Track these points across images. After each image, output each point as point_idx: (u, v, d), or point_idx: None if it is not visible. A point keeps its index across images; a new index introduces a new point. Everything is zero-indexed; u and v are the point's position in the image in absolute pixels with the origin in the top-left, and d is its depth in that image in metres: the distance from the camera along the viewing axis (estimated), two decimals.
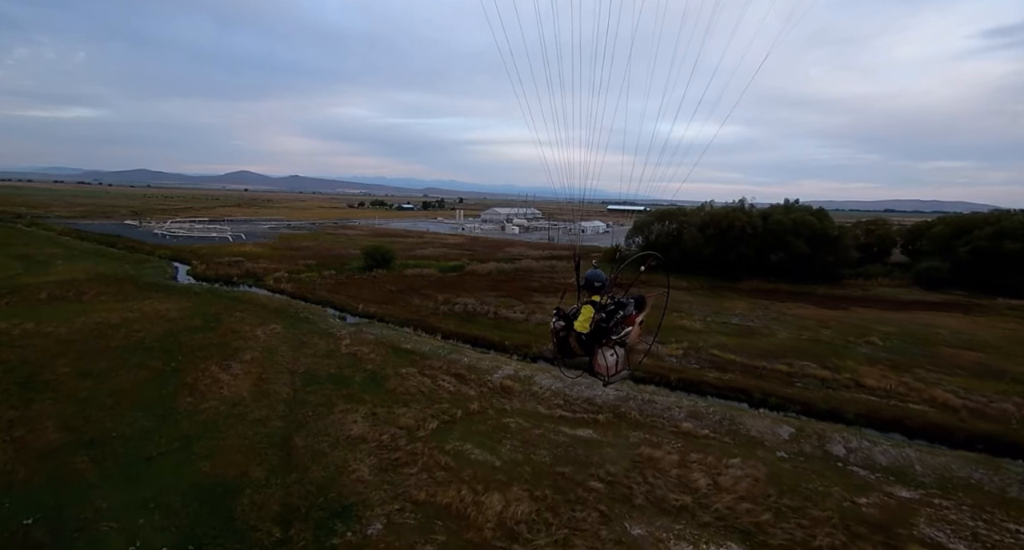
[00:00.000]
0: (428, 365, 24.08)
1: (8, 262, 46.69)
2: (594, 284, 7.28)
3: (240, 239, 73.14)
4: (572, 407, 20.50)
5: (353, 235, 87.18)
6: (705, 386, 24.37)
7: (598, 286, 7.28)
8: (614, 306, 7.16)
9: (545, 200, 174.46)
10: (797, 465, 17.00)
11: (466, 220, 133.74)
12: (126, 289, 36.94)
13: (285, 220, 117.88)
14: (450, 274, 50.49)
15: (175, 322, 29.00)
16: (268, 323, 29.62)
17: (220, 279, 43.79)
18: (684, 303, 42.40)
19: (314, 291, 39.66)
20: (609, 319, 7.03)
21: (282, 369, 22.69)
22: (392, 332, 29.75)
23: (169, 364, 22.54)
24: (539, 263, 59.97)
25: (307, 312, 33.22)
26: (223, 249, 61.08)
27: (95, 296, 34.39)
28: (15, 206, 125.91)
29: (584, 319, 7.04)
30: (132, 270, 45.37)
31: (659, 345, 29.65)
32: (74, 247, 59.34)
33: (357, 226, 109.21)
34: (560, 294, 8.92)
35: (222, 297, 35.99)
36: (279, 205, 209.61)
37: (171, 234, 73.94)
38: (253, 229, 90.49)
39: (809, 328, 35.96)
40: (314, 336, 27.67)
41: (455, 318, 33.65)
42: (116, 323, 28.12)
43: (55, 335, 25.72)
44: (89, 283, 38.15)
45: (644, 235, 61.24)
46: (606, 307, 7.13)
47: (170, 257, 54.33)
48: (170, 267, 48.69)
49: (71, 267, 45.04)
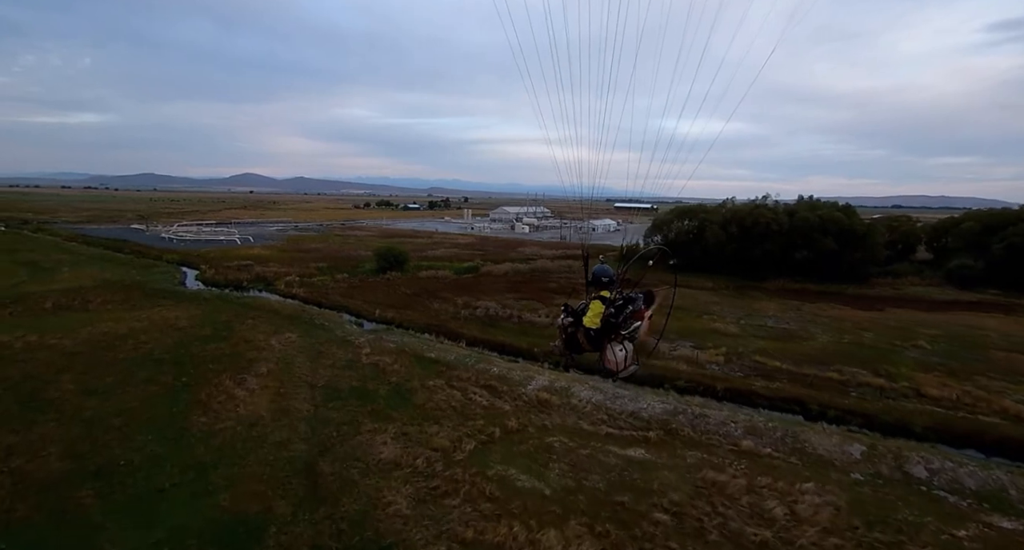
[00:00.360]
0: (456, 376, 22.46)
1: (14, 269, 45.51)
2: (602, 279, 7.10)
3: (248, 242, 71.87)
4: (618, 422, 18.84)
5: (362, 236, 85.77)
6: (755, 397, 22.64)
7: (606, 281, 7.10)
8: (623, 301, 6.99)
9: (553, 199, 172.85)
10: (877, 490, 15.26)
11: (475, 219, 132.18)
12: (133, 296, 35.55)
13: (292, 222, 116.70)
14: (465, 276, 48.89)
15: (185, 331, 27.53)
16: (282, 331, 28.11)
17: (230, 284, 42.38)
18: (712, 304, 40.63)
19: (328, 295, 38.16)
20: (618, 314, 6.90)
21: (300, 382, 21.13)
22: (413, 339, 28.14)
23: (180, 378, 21.03)
24: (554, 263, 58.27)
25: (322, 318, 31.68)
26: (232, 252, 59.76)
27: (101, 304, 33.01)
28: (22, 212, 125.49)
29: (594, 314, 6.93)
30: (139, 276, 44.03)
31: (697, 351, 27.98)
32: (80, 252, 58.18)
33: (365, 227, 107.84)
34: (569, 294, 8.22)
35: (233, 303, 34.53)
36: (285, 207, 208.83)
37: (178, 238, 72.76)
38: (261, 231, 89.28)
39: (848, 331, 34.11)
40: (332, 345, 26.12)
41: (477, 323, 32.03)
42: (123, 333, 26.68)
43: (60, 348, 24.29)
44: (95, 290, 36.80)
45: (663, 233, 59.41)
46: (615, 302, 6.98)
47: (178, 261, 53.02)
48: (178, 272, 47.35)
49: (77, 274, 43.76)
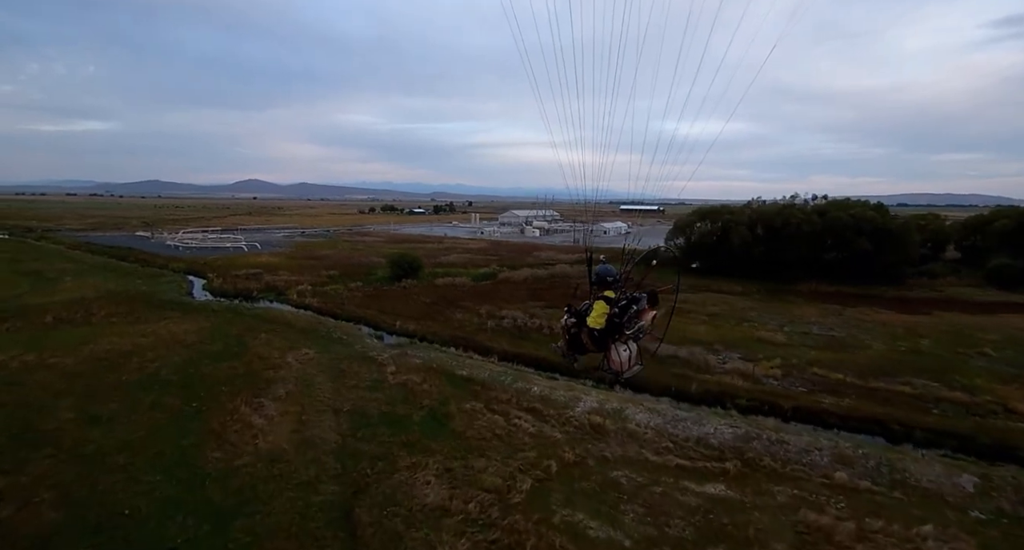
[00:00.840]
0: (494, 397, 20.29)
1: (15, 279, 43.68)
2: (606, 279, 7.05)
3: (255, 249, 70.00)
4: (686, 451, 16.62)
5: (371, 242, 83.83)
6: (827, 416, 20.40)
7: (610, 281, 7.05)
8: (627, 301, 6.93)
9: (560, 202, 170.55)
10: (1008, 533, 13.01)
11: (483, 224, 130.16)
12: (138, 308, 33.57)
13: (299, 228, 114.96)
14: (484, 283, 46.77)
15: (194, 348, 25.48)
16: (298, 347, 26.02)
17: (239, 294, 40.39)
18: (748, 310, 38.36)
19: (343, 306, 36.09)
20: (622, 314, 6.83)
21: (324, 407, 19.01)
22: (440, 355, 26.00)
23: (190, 403, 18.95)
24: (574, 268, 56.02)
25: (339, 332, 29.59)
26: (239, 260, 57.84)
27: (105, 317, 31.02)
28: (27, 219, 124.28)
29: (598, 315, 6.87)
30: (144, 286, 42.10)
31: (750, 364, 25.75)
32: (84, 261, 56.38)
33: (373, 232, 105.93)
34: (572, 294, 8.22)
35: (244, 316, 32.49)
36: (290, 212, 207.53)
37: (184, 245, 70.97)
38: (267, 238, 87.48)
39: (901, 337, 31.80)
40: (353, 362, 24.00)
41: (506, 335, 29.86)
42: (128, 351, 24.64)
43: (59, 368, 22.27)
44: (98, 302, 34.82)
45: (686, 236, 57.19)
46: (619, 302, 6.92)
47: (184, 270, 51.09)
48: (185, 281, 45.39)
49: (80, 284, 41.87)
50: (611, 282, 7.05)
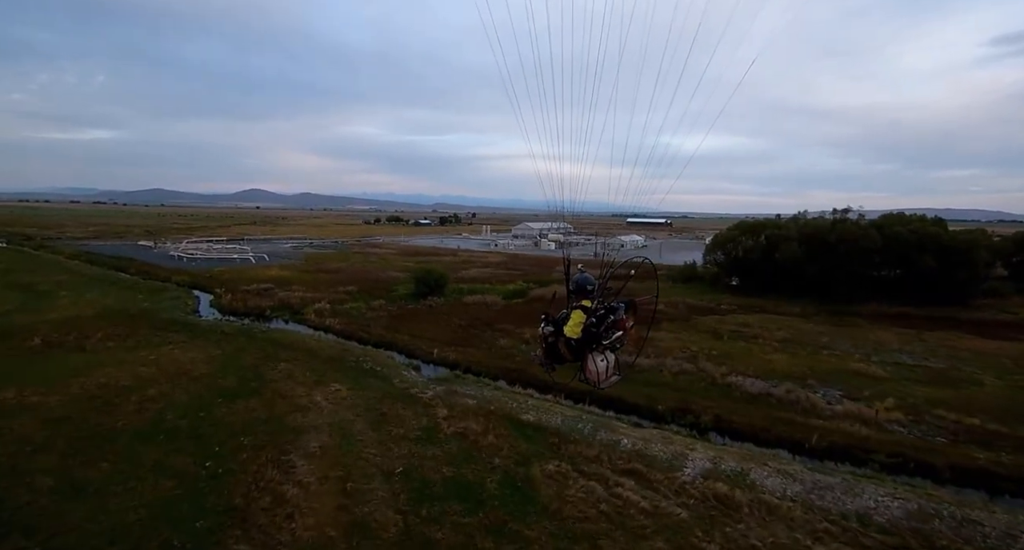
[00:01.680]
0: (579, 454, 16.32)
1: (6, 294, 39.88)
2: (585, 288, 6.86)
3: (263, 261, 66.31)
4: (853, 536, 12.62)
5: (384, 254, 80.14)
6: (994, 479, 16.37)
7: (588, 290, 6.85)
8: (604, 310, 6.68)
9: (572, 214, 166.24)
10: None
11: (495, 236, 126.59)
12: (139, 329, 29.71)
13: (306, 238, 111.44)
14: (515, 301, 42.90)
15: (203, 382, 21.56)
16: (326, 380, 22.12)
17: (250, 313, 36.52)
18: (818, 335, 34.40)
19: (368, 328, 32.19)
20: (600, 324, 6.61)
21: (371, 469, 15.05)
22: (494, 393, 22.06)
23: (203, 463, 14.99)
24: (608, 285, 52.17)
25: (370, 361, 25.66)
26: (247, 273, 54.07)
27: (101, 341, 27.15)
28: (28, 227, 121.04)
29: (574, 324, 6.70)
30: (146, 302, 38.28)
31: (857, 403, 21.77)
32: (82, 273, 52.62)
33: (383, 244, 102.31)
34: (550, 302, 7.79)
35: (258, 339, 28.60)
36: (295, 222, 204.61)
37: (188, 256, 67.24)
38: (275, 249, 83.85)
39: (1011, 369, 27.83)
40: (395, 402, 20.06)
41: (561, 367, 25.91)
42: (126, 385, 20.73)
43: (42, 409, 18.34)
44: (95, 322, 30.98)
45: (726, 251, 53.40)
46: (596, 311, 6.70)
47: (189, 284, 47.28)
48: (190, 297, 41.54)
49: (76, 300, 38.05)
50: (589, 291, 6.88)
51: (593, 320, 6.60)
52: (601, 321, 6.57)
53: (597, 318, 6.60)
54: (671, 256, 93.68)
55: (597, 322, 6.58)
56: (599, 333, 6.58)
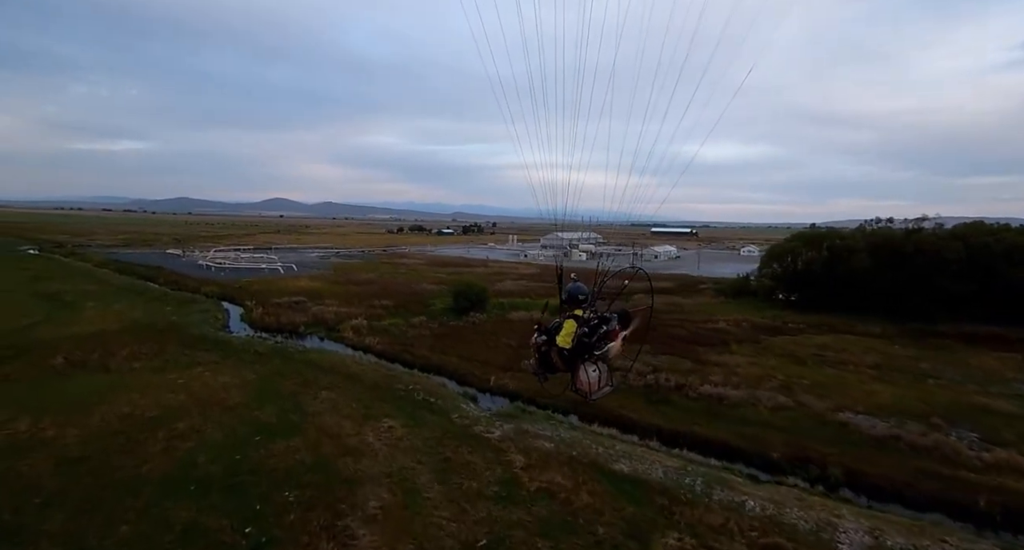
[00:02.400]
0: (700, 522, 13.10)
1: (31, 304, 38.30)
2: (577, 298, 6.75)
3: (292, 271, 64.53)
4: None
5: (412, 265, 77.92)
6: None
7: (581, 300, 6.74)
8: (597, 321, 6.58)
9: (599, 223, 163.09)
10: None
11: (523, 246, 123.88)
12: (168, 347, 27.44)
13: (332, 248, 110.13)
14: None
15: (238, 413, 18.94)
16: (375, 413, 19.33)
17: (283, 329, 34.12)
18: (914, 361, 30.47)
19: (412, 349, 29.44)
20: (592, 334, 6.48)
21: (447, 540, 12.07)
22: (571, 432, 18.96)
23: (243, 527, 12.21)
24: (658, 300, 48.76)
25: (420, 389, 22.81)
26: (277, 284, 52.11)
27: (126, 360, 24.90)
28: (60, 234, 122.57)
29: (566, 334, 6.55)
30: (175, 315, 36.23)
31: (1001, 449, 18.07)
32: (110, 282, 51.24)
33: (411, 254, 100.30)
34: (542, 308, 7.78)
35: (294, 361, 26.03)
36: (318, 231, 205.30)
37: (216, 265, 65.80)
38: (302, 259, 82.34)
39: None
40: (459, 444, 17.12)
41: (637, 397, 22.71)
42: (152, 416, 18.22)
43: (57, 445, 15.88)
44: (121, 337, 28.87)
45: (783, 263, 49.61)
46: (589, 321, 6.56)
47: (218, 296, 45.34)
48: (220, 310, 39.44)
49: (102, 312, 36.21)
50: (582, 301, 6.72)
51: (585, 330, 6.47)
52: (593, 331, 6.47)
53: (589, 328, 6.48)
54: (709, 267, 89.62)
55: (589, 332, 6.46)
56: (591, 343, 6.46)
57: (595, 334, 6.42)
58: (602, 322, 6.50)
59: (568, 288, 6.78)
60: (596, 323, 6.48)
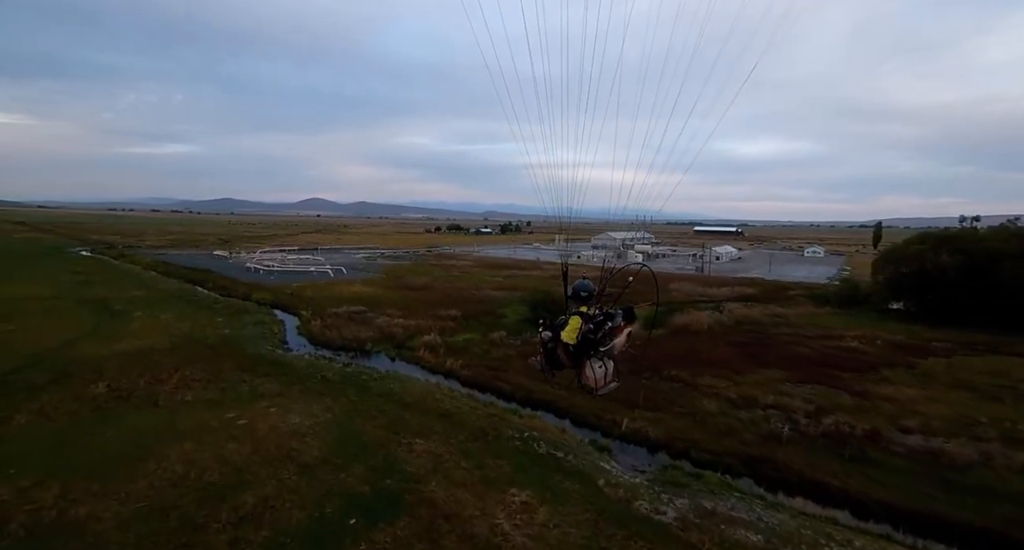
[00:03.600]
0: None
1: (78, 314, 35.47)
2: (581, 294, 6.75)
3: (341, 274, 61.12)
4: None
5: (464, 267, 73.61)
6: None
7: (585, 296, 6.75)
8: (602, 317, 6.60)
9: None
10: None
11: (575, 246, 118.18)
12: (223, 370, 23.50)
13: (377, 248, 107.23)
14: (657, 332, 34.42)
15: (319, 477, 14.44)
16: (496, 479, 14.54)
17: (346, 346, 29.89)
18: None
19: (503, 374, 24.68)
20: (597, 330, 6.51)
21: None
22: (776, 515, 13.64)
23: None
24: (754, 310, 42.74)
25: (537, 435, 17.92)
26: (330, 289, 48.47)
27: (177, 388, 20.98)
28: (111, 235, 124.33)
29: (571, 329, 6.52)
30: (227, 327, 32.62)
31: None
32: (158, 287, 48.62)
33: (458, 255, 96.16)
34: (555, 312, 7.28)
35: (371, 392, 21.58)
36: (356, 231, 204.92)
37: (265, 268, 62.94)
38: (348, 260, 79.25)
39: None
40: (628, 537, 12.10)
41: (818, 451, 17.18)
42: (212, 481, 13.91)
43: (90, 531, 11.70)
44: (170, 357, 25.18)
45: (910, 266, 42.64)
46: (594, 318, 6.59)
47: (270, 303, 41.85)
48: (274, 321, 35.69)
49: (150, 323, 32.93)
50: (586, 297, 6.72)
51: (591, 326, 6.46)
52: (599, 328, 6.47)
53: (595, 325, 6.47)
54: (780, 270, 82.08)
55: (595, 328, 6.46)
56: (596, 340, 6.47)
57: (600, 330, 6.43)
58: (607, 318, 6.50)
59: (574, 285, 6.76)
60: (601, 319, 6.49)
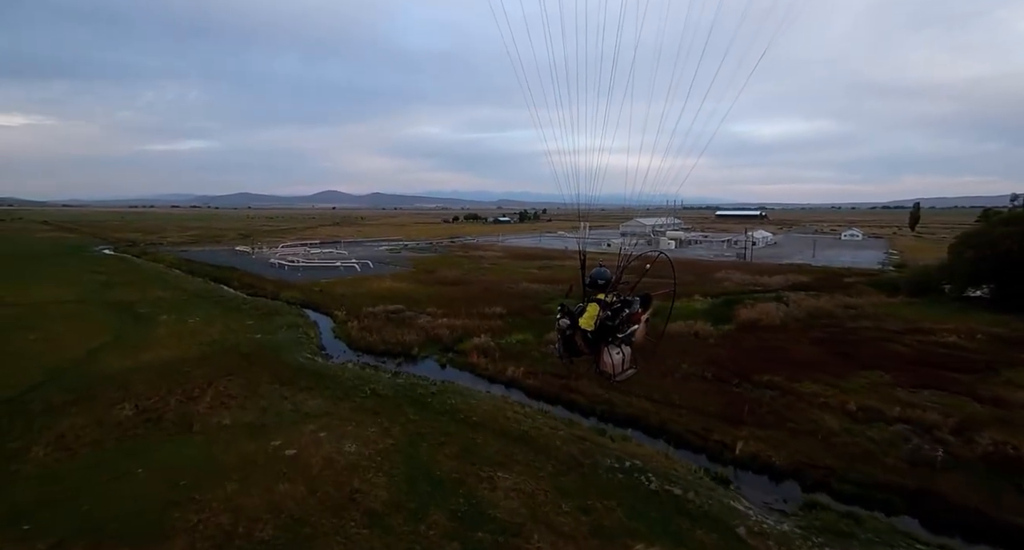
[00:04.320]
0: None
1: (102, 318, 33.51)
2: (598, 282, 6.78)
3: (368, 268, 58.71)
4: None
5: (493, 258, 70.72)
6: None
7: (602, 284, 6.77)
8: (620, 304, 6.70)
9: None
10: None
11: (602, 233, 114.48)
12: (261, 383, 21.04)
13: (399, 240, 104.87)
14: (724, 328, 31.26)
15: (393, 529, 11.78)
16: (609, 528, 11.76)
17: (390, 351, 27.25)
18: None
19: (575, 383, 21.77)
20: (614, 317, 6.59)
21: None
22: None
23: None
24: (821, 301, 39.14)
25: (640, 464, 15.05)
26: (360, 286, 46.04)
27: (212, 408, 18.55)
28: (133, 232, 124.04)
29: (589, 316, 6.58)
30: (259, 332, 30.26)
31: None
32: (184, 287, 46.65)
33: (483, 245, 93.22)
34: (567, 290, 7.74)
35: (431, 409, 18.89)
36: (374, 222, 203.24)
37: (289, 264, 60.79)
38: (372, 253, 76.94)
39: None
40: None
41: (987, 483, 14.00)
42: (265, 538, 11.34)
43: None
44: (202, 368, 22.83)
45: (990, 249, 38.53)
46: (612, 305, 6.67)
47: (300, 302, 39.52)
48: (308, 323, 33.27)
49: (178, 328, 30.75)
50: (603, 285, 6.75)
51: (608, 313, 6.50)
52: (616, 314, 6.52)
53: (612, 311, 6.53)
54: (824, 255, 77.65)
55: (612, 315, 6.51)
56: (614, 326, 6.50)
57: (617, 317, 6.49)
58: (624, 305, 6.57)
59: (591, 272, 6.76)
60: (619, 306, 6.56)
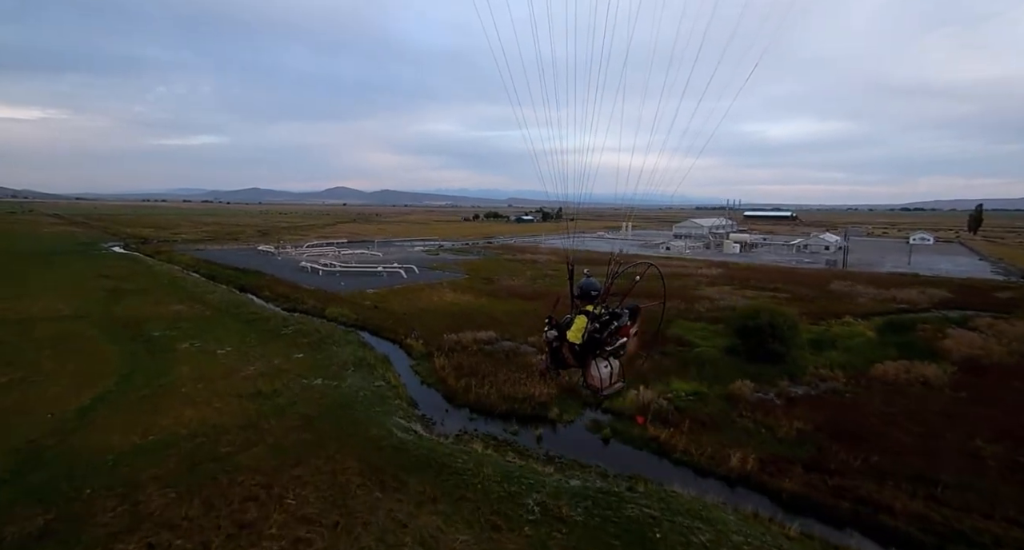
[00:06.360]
0: None
1: (104, 348, 25.73)
2: (589, 293, 6.58)
3: (414, 274, 50.67)
4: None
5: (549, 262, 62.30)
6: None
7: (593, 295, 6.57)
8: (608, 316, 6.45)
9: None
10: None
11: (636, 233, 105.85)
12: (351, 490, 12.90)
13: (432, 240, 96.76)
14: (934, 366, 22.78)
15: None
16: None
17: (515, 410, 19.05)
18: None
19: (851, 485, 13.39)
20: (603, 329, 6.39)
21: None
22: None
23: None
24: (1019, 327, 30.44)
25: None
26: (417, 298, 37.99)
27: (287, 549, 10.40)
28: (145, 227, 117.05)
29: (577, 329, 6.41)
30: (316, 372, 22.14)
31: None
32: (205, 299, 38.67)
33: (526, 247, 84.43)
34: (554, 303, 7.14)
35: (660, 547, 10.65)
36: (390, 220, 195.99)
37: (324, 269, 52.73)
38: (409, 255, 68.97)
39: None
40: None
41: None
42: None
43: None
44: (252, 453, 14.71)
45: None
46: (600, 317, 6.46)
47: (355, 324, 31.42)
48: (377, 359, 24.94)
49: (205, 368, 22.67)
50: (593, 296, 6.51)
51: (597, 326, 6.31)
52: (605, 327, 6.32)
53: (601, 324, 6.33)
54: (915, 262, 68.60)
55: (600, 328, 6.32)
56: (602, 339, 6.32)
57: (606, 330, 6.32)
58: (613, 318, 6.36)
59: (580, 283, 6.58)
60: (607, 319, 6.37)
